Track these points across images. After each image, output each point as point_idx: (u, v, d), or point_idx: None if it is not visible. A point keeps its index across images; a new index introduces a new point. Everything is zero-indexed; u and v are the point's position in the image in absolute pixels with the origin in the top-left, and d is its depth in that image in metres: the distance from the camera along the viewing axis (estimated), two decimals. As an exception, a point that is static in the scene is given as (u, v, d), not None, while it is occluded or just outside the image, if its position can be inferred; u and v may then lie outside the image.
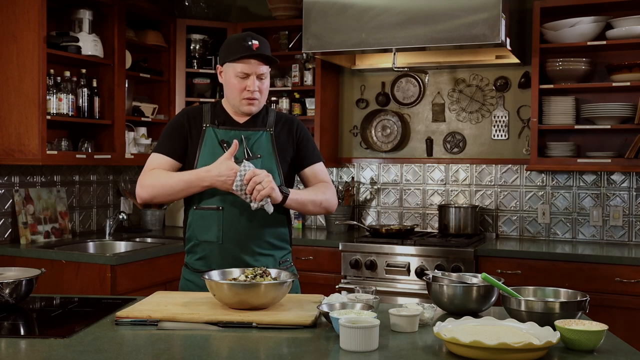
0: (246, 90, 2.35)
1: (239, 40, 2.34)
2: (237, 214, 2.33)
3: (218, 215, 2.34)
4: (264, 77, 2.37)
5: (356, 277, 3.87)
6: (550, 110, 3.95)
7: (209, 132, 2.40)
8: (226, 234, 2.34)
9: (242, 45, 2.33)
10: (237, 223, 2.34)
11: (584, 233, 4.10)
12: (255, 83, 2.35)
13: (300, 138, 2.47)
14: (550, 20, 3.92)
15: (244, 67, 2.33)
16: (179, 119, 2.46)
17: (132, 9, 4.11)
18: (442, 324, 1.71)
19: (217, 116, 2.44)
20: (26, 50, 3.46)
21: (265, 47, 2.36)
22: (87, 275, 3.32)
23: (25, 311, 2.10)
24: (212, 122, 2.42)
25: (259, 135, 2.41)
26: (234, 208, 2.33)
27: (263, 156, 2.38)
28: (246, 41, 2.32)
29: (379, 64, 4.38)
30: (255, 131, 2.41)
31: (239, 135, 2.38)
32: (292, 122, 2.49)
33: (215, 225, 2.34)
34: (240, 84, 2.35)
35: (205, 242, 2.36)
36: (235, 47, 2.35)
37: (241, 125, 2.42)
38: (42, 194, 3.85)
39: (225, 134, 2.39)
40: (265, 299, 1.94)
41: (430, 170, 4.45)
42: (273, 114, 2.48)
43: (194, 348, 1.70)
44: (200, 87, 4.60)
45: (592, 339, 1.64)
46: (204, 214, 2.36)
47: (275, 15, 4.52)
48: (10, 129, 3.51)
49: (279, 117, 2.48)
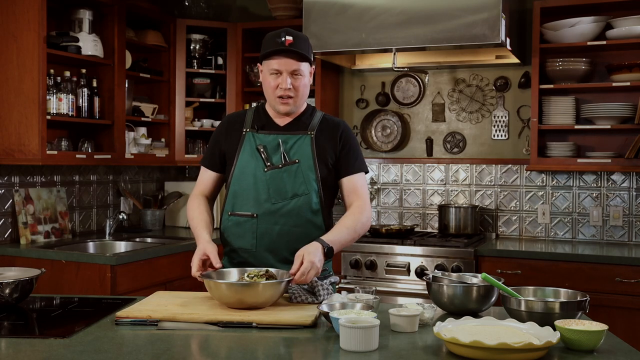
0: (279, 88, 2.27)
1: (274, 36, 2.27)
2: (272, 222, 2.29)
3: (252, 223, 2.31)
4: (298, 74, 2.27)
5: (356, 277, 3.87)
6: (550, 110, 3.95)
7: (249, 136, 2.35)
8: (260, 241, 2.31)
9: (275, 41, 2.25)
10: (271, 230, 2.29)
11: (584, 233, 4.10)
12: (288, 80, 2.26)
13: (343, 145, 2.37)
14: (550, 20, 3.92)
15: (276, 64, 2.26)
16: (218, 128, 2.46)
17: (132, 9, 4.10)
18: (442, 324, 1.71)
19: (258, 120, 2.38)
20: (26, 50, 3.46)
21: (300, 43, 2.26)
22: (87, 275, 3.32)
23: (25, 311, 2.10)
24: (252, 127, 2.36)
25: (298, 139, 2.33)
26: (268, 215, 2.29)
27: (301, 161, 2.30)
28: (280, 37, 2.24)
29: (379, 64, 4.38)
30: (294, 135, 2.34)
31: (276, 140, 2.32)
32: (337, 127, 2.39)
33: (250, 232, 2.31)
34: (274, 82, 2.28)
35: (240, 249, 2.34)
36: (268, 43, 2.27)
37: (281, 129, 2.36)
38: (42, 194, 3.85)
39: (263, 139, 2.34)
40: (263, 298, 1.95)
41: (430, 170, 4.45)
42: (319, 117, 2.40)
43: (193, 348, 1.70)
44: (200, 87, 4.60)
45: (592, 339, 1.65)
46: (238, 220, 2.33)
47: (275, 15, 4.52)
48: (10, 129, 3.51)
49: (324, 120, 2.39)
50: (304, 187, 2.29)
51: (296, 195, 2.29)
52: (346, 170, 2.37)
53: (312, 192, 2.30)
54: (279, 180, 2.29)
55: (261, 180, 2.30)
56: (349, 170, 2.37)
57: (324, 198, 2.34)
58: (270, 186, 2.29)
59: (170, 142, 4.46)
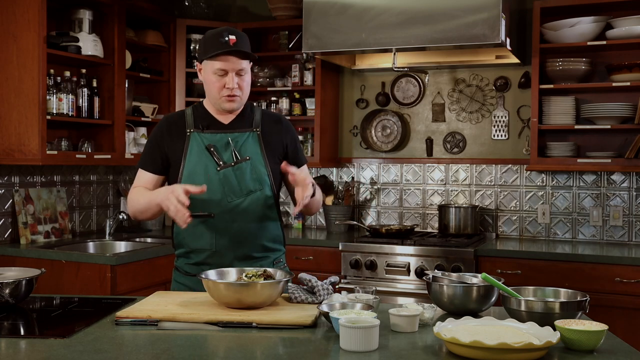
0: (225, 88, 2.28)
1: (216, 36, 2.26)
2: (230, 220, 2.29)
3: (210, 223, 2.29)
4: (243, 72, 2.30)
5: (356, 277, 3.87)
6: (550, 110, 3.95)
7: (194, 137, 2.34)
8: (219, 240, 2.30)
9: (219, 41, 2.24)
10: (229, 228, 2.29)
11: (584, 233, 4.10)
12: (235, 80, 2.27)
13: (289, 139, 2.44)
14: (550, 20, 3.92)
15: (221, 64, 2.26)
16: (157, 130, 2.40)
17: (132, 9, 4.11)
18: (442, 324, 1.71)
19: (200, 120, 2.37)
20: (26, 50, 3.46)
21: (243, 42, 2.28)
22: (87, 275, 3.32)
23: (25, 311, 2.10)
24: (197, 127, 2.35)
25: (246, 137, 2.36)
26: (226, 214, 2.29)
27: (252, 158, 2.33)
28: (223, 37, 2.24)
29: (379, 64, 4.38)
30: (241, 132, 2.36)
31: (225, 138, 2.33)
32: (280, 121, 2.45)
33: (208, 232, 2.30)
34: (219, 82, 2.29)
35: (198, 249, 2.33)
36: (211, 43, 2.26)
37: (226, 127, 2.36)
38: (42, 194, 3.85)
39: (211, 138, 2.33)
40: (261, 298, 1.95)
41: (430, 170, 4.45)
42: (259, 113, 2.43)
43: (194, 348, 1.70)
44: (200, 87, 4.60)
45: (592, 339, 1.64)
46: (194, 221, 2.26)
47: (275, 15, 4.52)
48: (10, 129, 3.51)
49: (265, 116, 2.44)
50: (257, 184, 2.32)
51: (251, 191, 2.31)
52: (296, 163, 2.41)
53: (265, 187, 2.34)
54: (233, 178, 2.30)
55: (214, 180, 2.29)
56: (299, 162, 2.43)
57: (276, 192, 2.38)
58: (225, 185, 2.29)
59: (170, 142, 4.45)
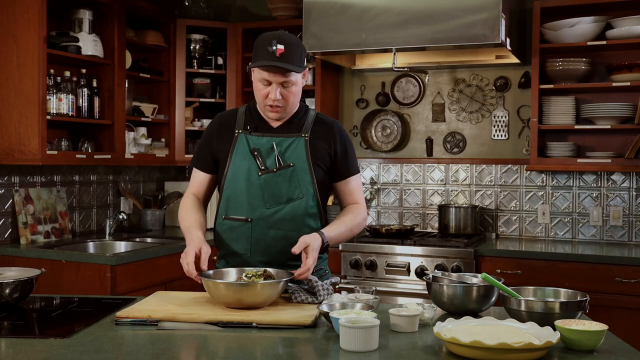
0: (268, 98, 2.20)
1: (265, 43, 2.15)
2: (266, 227, 2.24)
3: (247, 227, 2.25)
4: (289, 84, 2.19)
5: (356, 277, 3.87)
6: (550, 110, 3.95)
7: (241, 138, 2.28)
8: (254, 246, 2.26)
9: (266, 49, 2.13)
10: (265, 235, 2.24)
11: (584, 233, 4.10)
12: (277, 91, 2.18)
13: (339, 147, 2.32)
14: (550, 20, 3.92)
15: (265, 75, 2.17)
16: (209, 127, 2.38)
17: (132, 9, 4.10)
18: (442, 324, 1.71)
19: (251, 121, 2.31)
20: (26, 50, 3.46)
21: (291, 52, 2.14)
22: (87, 275, 3.32)
23: (25, 311, 2.10)
24: (245, 128, 2.29)
25: (292, 142, 2.27)
26: (263, 220, 2.24)
27: (295, 164, 2.24)
28: (271, 45, 2.12)
29: (379, 64, 4.38)
30: (288, 137, 2.27)
31: (270, 143, 2.26)
32: (331, 127, 2.33)
33: (244, 237, 2.26)
34: (263, 90, 2.21)
35: (235, 253, 2.29)
36: (259, 50, 2.16)
37: (275, 130, 2.29)
38: (42, 194, 3.85)
39: (257, 141, 2.27)
40: (261, 298, 1.95)
41: (430, 170, 4.45)
42: (311, 117, 2.33)
43: (193, 348, 1.70)
44: (200, 87, 4.60)
45: (592, 339, 1.64)
46: (232, 224, 2.27)
47: (275, 15, 4.52)
48: (10, 129, 3.51)
49: (317, 120, 2.33)
50: (299, 191, 2.25)
51: (291, 199, 2.25)
52: (343, 173, 2.34)
53: (307, 195, 2.26)
54: (274, 184, 2.24)
55: (255, 185, 2.25)
56: (346, 173, 2.35)
57: (321, 200, 2.30)
58: (265, 190, 2.24)
59: (170, 142, 4.46)
